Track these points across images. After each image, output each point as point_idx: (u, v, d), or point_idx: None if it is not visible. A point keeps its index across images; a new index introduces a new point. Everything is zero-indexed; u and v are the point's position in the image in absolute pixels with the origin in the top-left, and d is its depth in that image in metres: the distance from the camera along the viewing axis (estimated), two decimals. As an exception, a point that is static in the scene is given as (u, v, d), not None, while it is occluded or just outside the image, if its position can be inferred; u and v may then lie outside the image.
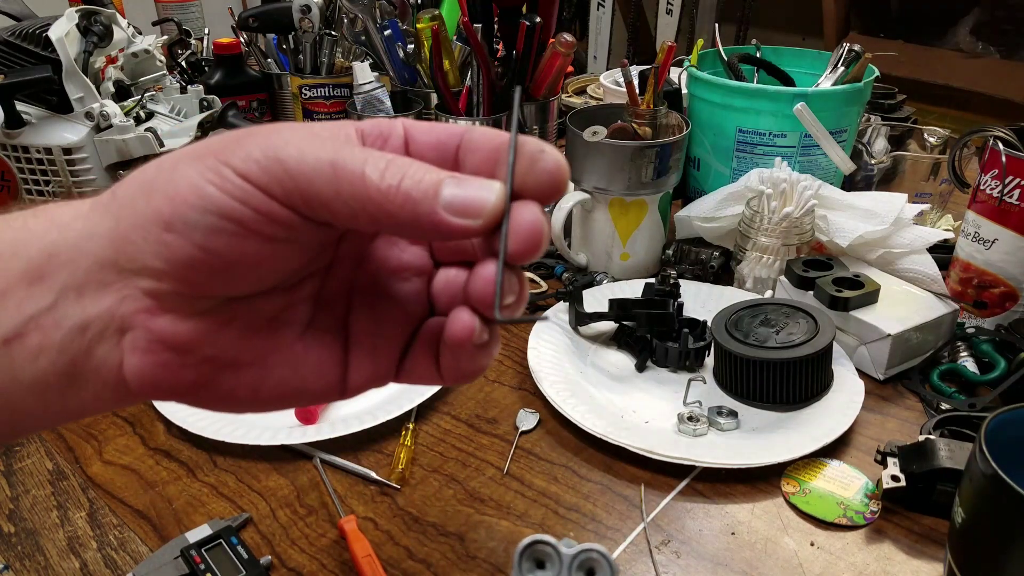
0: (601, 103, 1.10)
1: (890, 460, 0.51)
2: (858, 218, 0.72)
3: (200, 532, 0.49)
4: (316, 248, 0.25)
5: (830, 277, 0.67)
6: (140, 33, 0.91)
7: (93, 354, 0.24)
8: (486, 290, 0.23)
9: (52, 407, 0.24)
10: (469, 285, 0.24)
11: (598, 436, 0.56)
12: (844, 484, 0.54)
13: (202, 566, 0.47)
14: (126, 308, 0.23)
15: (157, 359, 0.24)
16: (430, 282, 0.28)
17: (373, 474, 0.55)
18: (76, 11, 0.79)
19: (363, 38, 0.95)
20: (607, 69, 1.37)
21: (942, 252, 0.71)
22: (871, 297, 0.66)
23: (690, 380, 0.62)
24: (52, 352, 0.23)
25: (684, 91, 0.88)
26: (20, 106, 0.75)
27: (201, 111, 0.88)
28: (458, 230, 0.22)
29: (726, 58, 0.88)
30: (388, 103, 0.92)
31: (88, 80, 0.77)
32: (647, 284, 0.71)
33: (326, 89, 0.97)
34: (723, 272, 0.80)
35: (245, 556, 0.47)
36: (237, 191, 0.22)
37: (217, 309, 0.24)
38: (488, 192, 0.22)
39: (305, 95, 0.97)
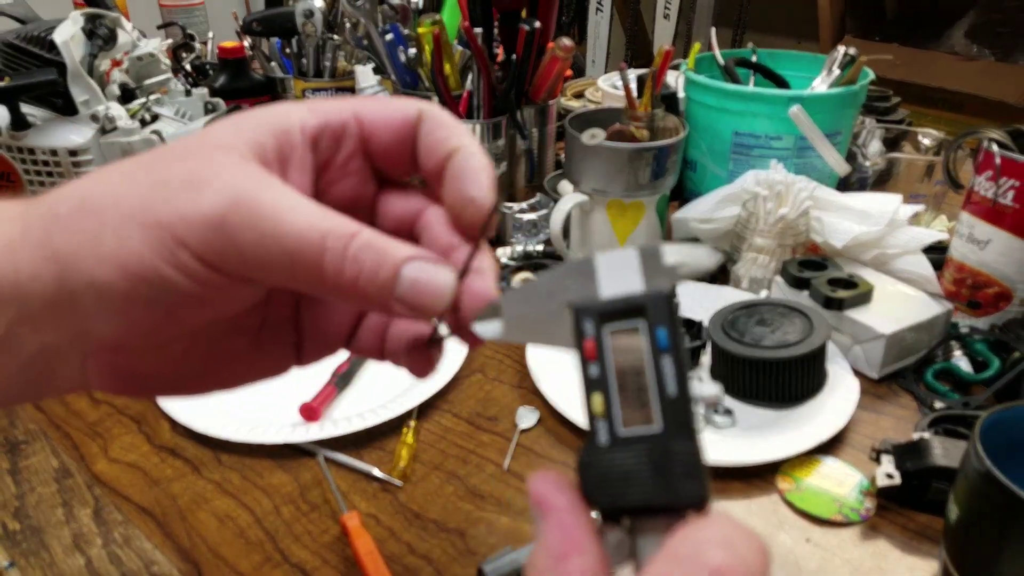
0: (599, 106, 1.11)
1: (885, 458, 0.52)
2: (853, 219, 0.72)
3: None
4: (261, 289, 0.26)
5: (825, 277, 0.68)
6: (145, 36, 0.92)
7: (55, 371, 0.24)
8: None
9: (12, 400, 0.25)
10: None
11: (597, 434, 0.57)
12: (839, 481, 0.54)
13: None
14: (83, 344, 0.23)
15: (119, 381, 0.25)
16: None
17: (375, 471, 0.56)
18: (81, 14, 0.80)
19: (365, 42, 0.96)
20: (605, 73, 1.38)
21: (936, 253, 0.72)
22: (865, 297, 0.66)
23: (688, 379, 0.63)
24: (12, 371, 0.24)
25: (681, 94, 0.89)
26: (25, 108, 0.75)
27: (206, 113, 0.88)
28: (406, 316, 0.24)
29: (722, 62, 0.89)
30: (389, 106, 0.93)
31: (93, 83, 0.78)
32: (645, 285, 0.72)
33: (329, 92, 0.98)
34: (719, 272, 0.81)
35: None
36: (193, 271, 0.22)
37: (171, 342, 0.25)
38: (438, 298, 0.23)
39: (308, 98, 0.98)
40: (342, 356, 0.31)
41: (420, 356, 0.27)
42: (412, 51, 0.94)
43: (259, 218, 0.21)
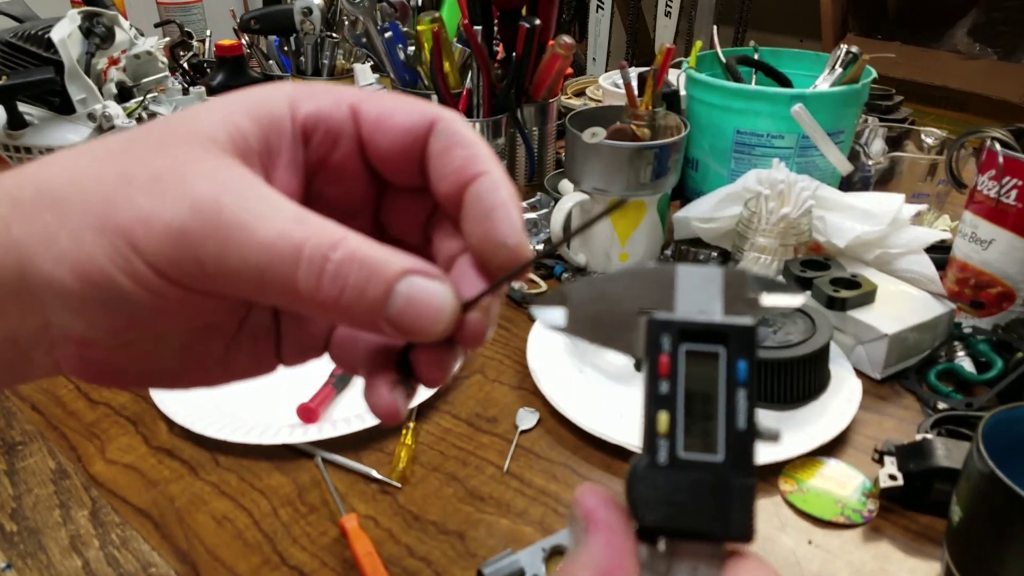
0: (600, 105, 1.10)
1: (887, 459, 0.52)
2: (855, 219, 0.72)
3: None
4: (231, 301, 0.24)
5: (827, 277, 0.67)
6: (142, 35, 0.92)
7: (27, 357, 0.23)
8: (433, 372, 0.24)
9: None
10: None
11: (597, 435, 0.57)
12: (841, 483, 0.54)
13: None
14: (49, 335, 0.22)
15: (91, 372, 0.23)
16: None
17: (374, 472, 0.55)
18: (78, 13, 0.79)
19: (364, 40, 0.96)
20: (606, 71, 1.38)
21: (939, 252, 0.71)
22: (868, 297, 0.66)
23: (689, 380, 0.62)
24: None
25: (682, 93, 0.88)
26: (22, 107, 0.75)
27: (202, 112, 0.88)
28: (396, 339, 0.22)
29: (724, 60, 0.89)
30: (388, 104, 0.92)
31: (90, 81, 0.77)
32: (646, 284, 0.71)
33: (327, 91, 0.97)
34: (722, 272, 0.80)
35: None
36: (147, 282, 0.20)
37: (137, 341, 0.23)
38: (436, 322, 0.21)
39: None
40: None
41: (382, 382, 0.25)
42: (411, 49, 0.94)
43: (222, 227, 0.19)
